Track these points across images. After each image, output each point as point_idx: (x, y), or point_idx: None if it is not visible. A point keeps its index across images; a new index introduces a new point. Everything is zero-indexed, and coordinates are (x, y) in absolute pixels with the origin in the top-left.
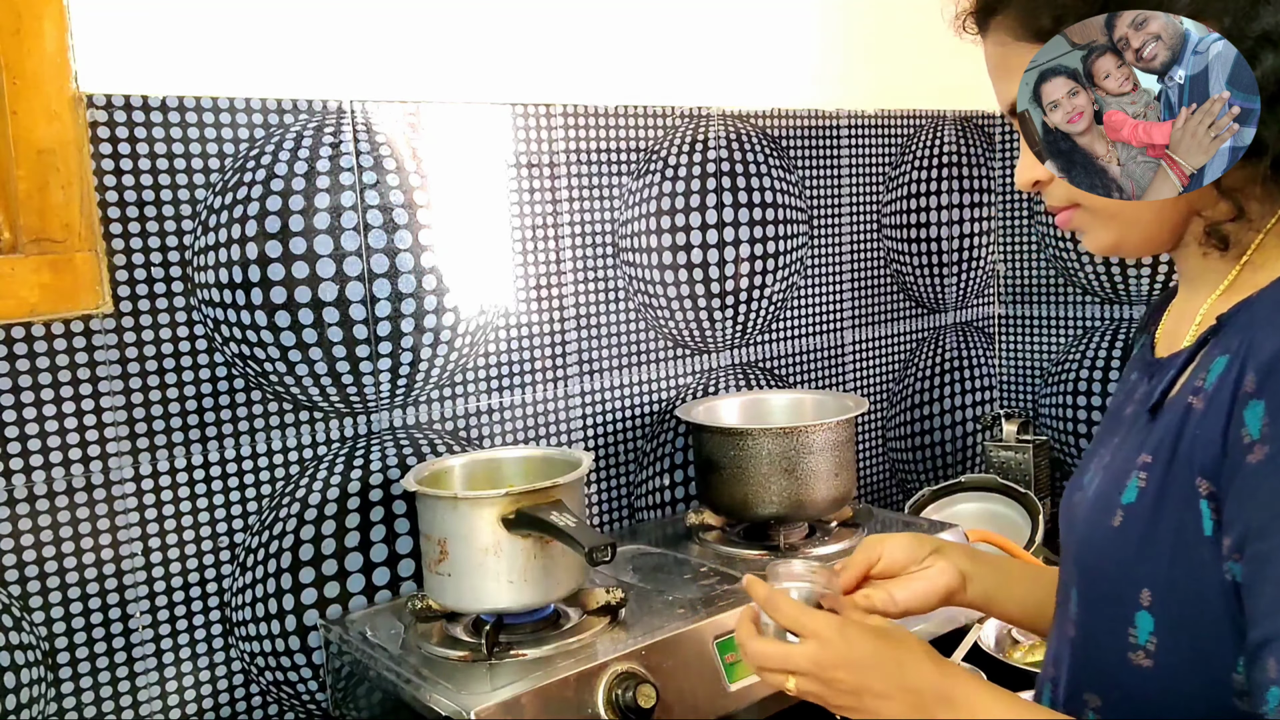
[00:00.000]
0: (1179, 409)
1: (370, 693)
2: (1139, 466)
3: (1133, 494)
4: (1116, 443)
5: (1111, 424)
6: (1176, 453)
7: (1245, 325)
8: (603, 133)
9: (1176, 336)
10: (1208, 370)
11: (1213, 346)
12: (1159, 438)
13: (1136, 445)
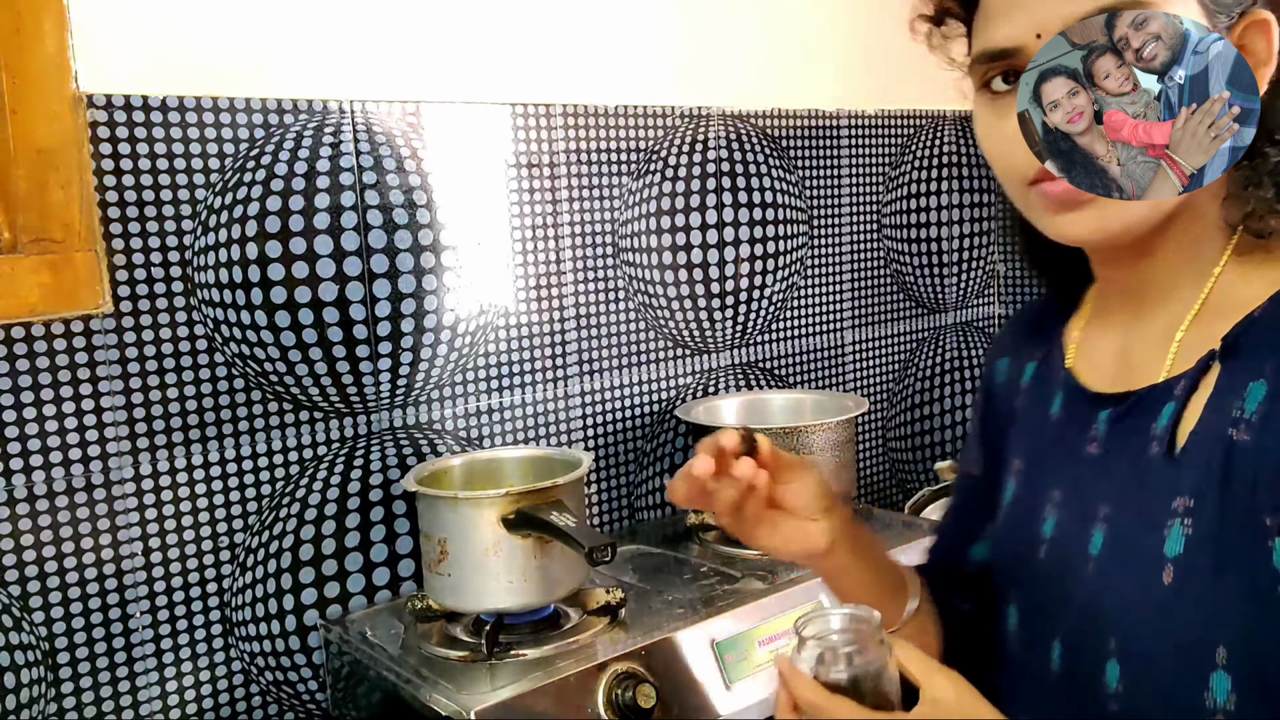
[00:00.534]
0: (1216, 444)
1: (370, 693)
2: (1177, 514)
3: (1178, 544)
4: (1087, 486)
5: (1058, 462)
6: (1229, 492)
7: (1270, 348)
8: (603, 133)
9: (1134, 362)
10: (1242, 399)
11: (1231, 372)
12: (1196, 478)
13: (1159, 490)
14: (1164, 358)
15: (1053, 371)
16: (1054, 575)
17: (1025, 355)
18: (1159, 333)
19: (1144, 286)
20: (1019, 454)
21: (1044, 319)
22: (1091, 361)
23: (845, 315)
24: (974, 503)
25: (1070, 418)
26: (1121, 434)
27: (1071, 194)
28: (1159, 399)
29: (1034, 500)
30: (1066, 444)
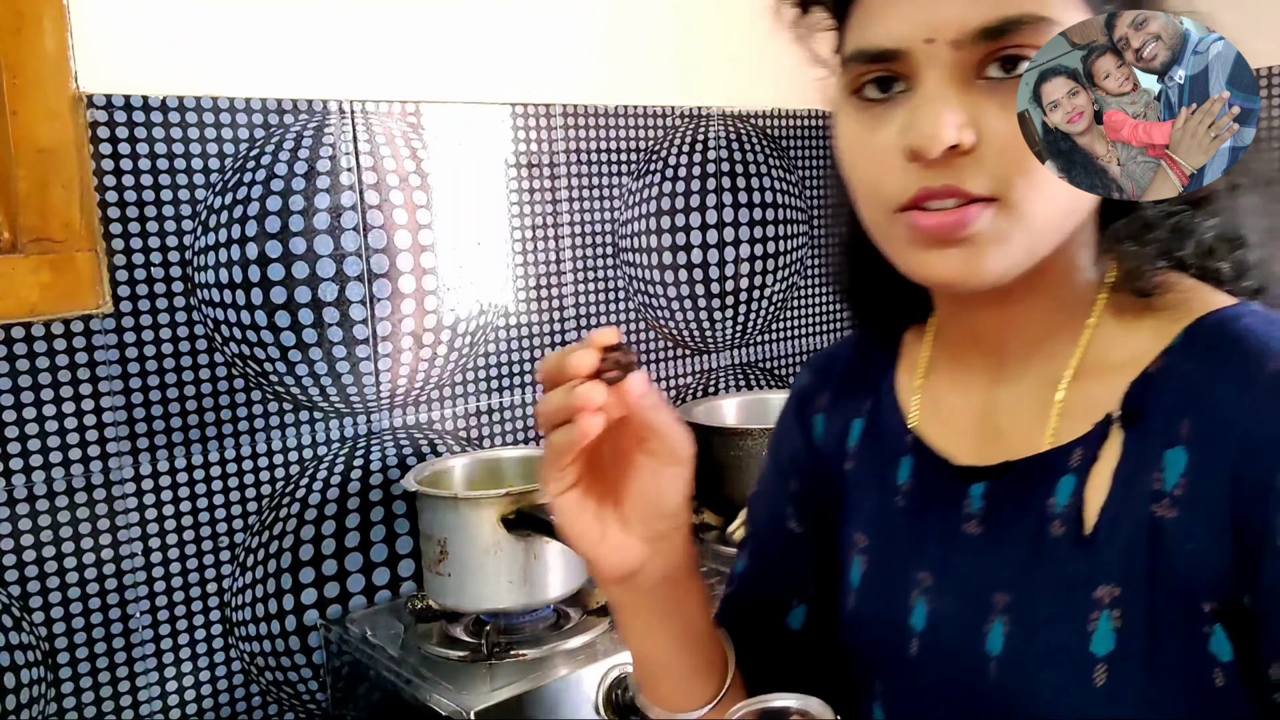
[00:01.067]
0: (1136, 522)
1: (370, 693)
2: (1102, 604)
3: (1109, 640)
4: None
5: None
6: (1157, 576)
7: (1182, 409)
8: (603, 133)
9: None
10: (1159, 470)
11: (1139, 438)
12: (1119, 563)
13: (1074, 577)
14: (1043, 422)
15: (889, 432)
16: (935, 675)
17: (845, 410)
18: (1030, 392)
19: (1006, 338)
20: (859, 526)
21: (862, 367)
22: (944, 423)
23: (845, 315)
24: (790, 567)
25: (927, 490)
26: (1008, 511)
27: (946, 229)
28: (1049, 470)
29: (893, 584)
30: (929, 520)
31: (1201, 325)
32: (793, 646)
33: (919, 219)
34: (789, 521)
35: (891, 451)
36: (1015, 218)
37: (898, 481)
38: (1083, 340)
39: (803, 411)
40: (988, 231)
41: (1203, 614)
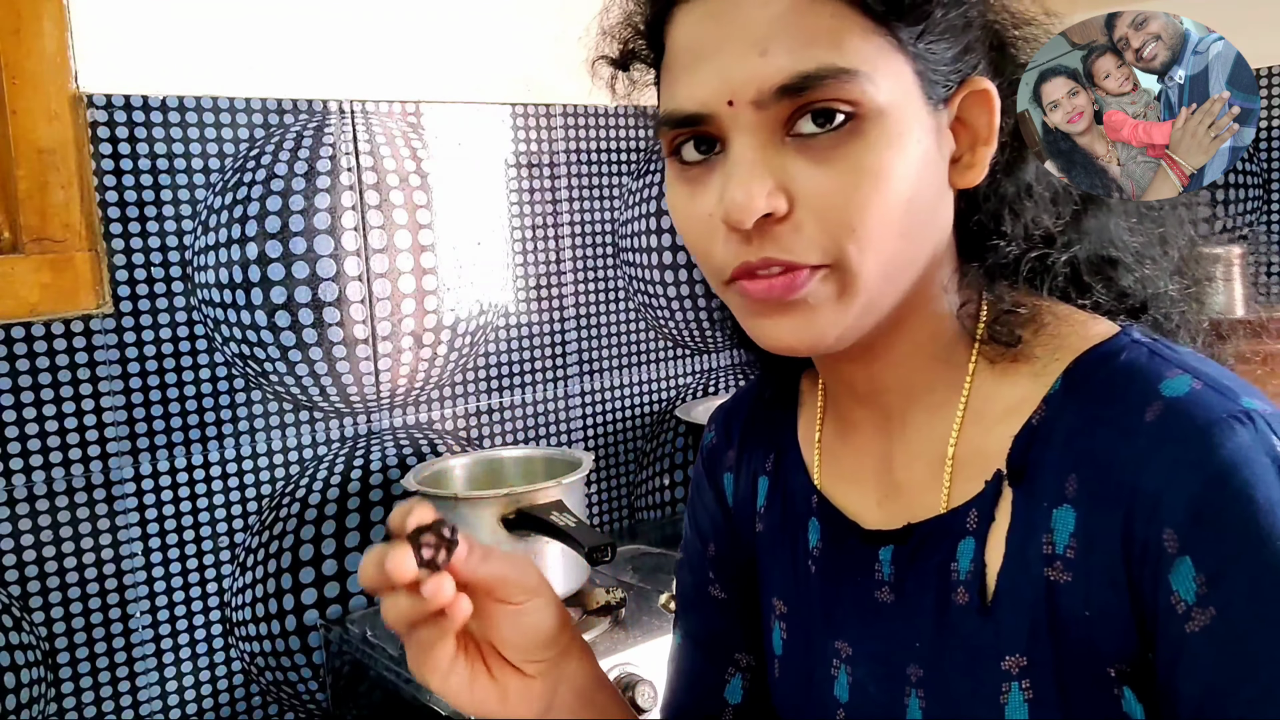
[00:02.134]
0: (1029, 588)
1: (370, 693)
2: (1011, 675)
3: (1021, 710)
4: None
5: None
6: (1059, 643)
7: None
8: (603, 133)
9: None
10: (1049, 530)
11: (1027, 497)
12: (1022, 632)
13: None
14: (937, 479)
15: (795, 491)
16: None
17: (751, 466)
18: (920, 447)
19: (883, 393)
20: (776, 591)
21: (763, 420)
22: (846, 480)
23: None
24: (729, 631)
25: (839, 554)
26: (915, 577)
27: (775, 293)
28: (949, 534)
29: (814, 653)
30: (845, 587)
31: (1079, 366)
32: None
33: (748, 286)
34: (712, 588)
35: (799, 512)
36: (846, 279)
37: (809, 545)
38: (963, 390)
39: (713, 471)
40: (820, 294)
41: (1109, 678)
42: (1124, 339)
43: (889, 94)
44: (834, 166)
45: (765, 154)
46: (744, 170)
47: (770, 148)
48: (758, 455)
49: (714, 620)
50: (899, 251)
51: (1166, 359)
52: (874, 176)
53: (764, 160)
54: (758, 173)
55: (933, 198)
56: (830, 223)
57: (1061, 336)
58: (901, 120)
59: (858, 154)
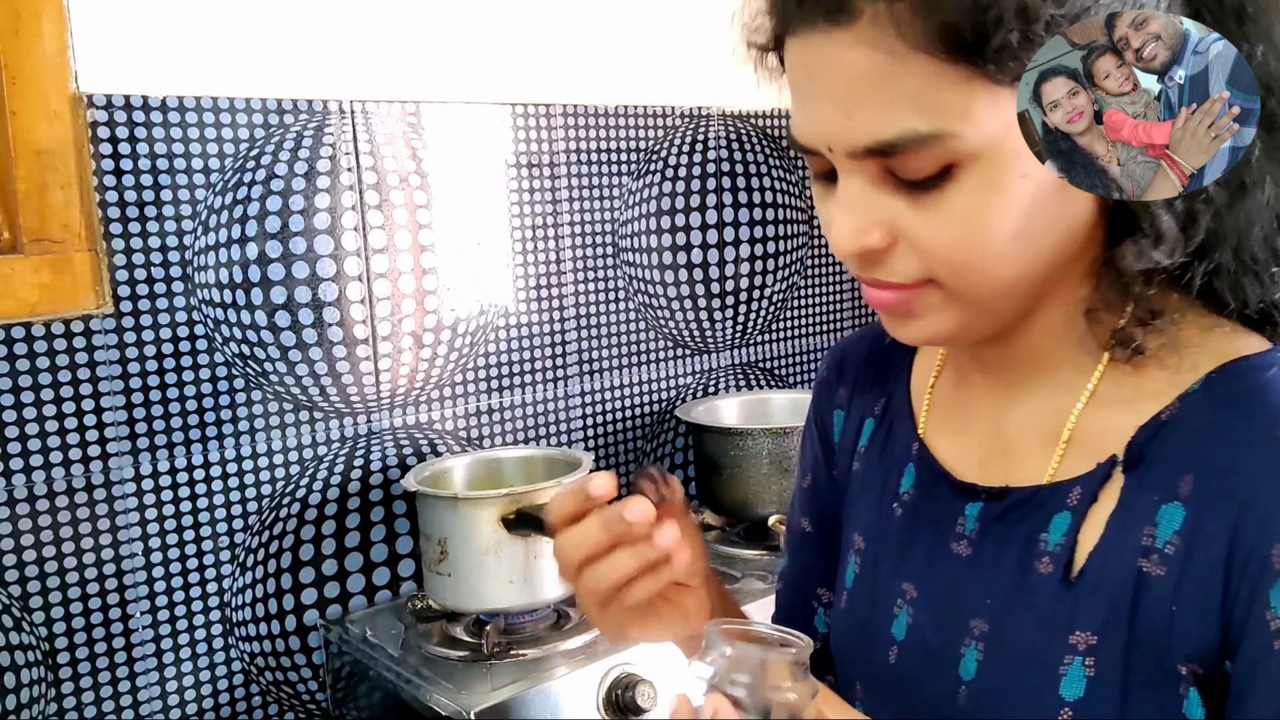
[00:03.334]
0: (1122, 573)
1: (370, 693)
2: (1077, 650)
3: (1079, 686)
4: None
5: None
6: (1136, 632)
7: (1188, 462)
8: (603, 133)
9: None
10: (1153, 524)
11: (1139, 486)
12: (1100, 612)
13: (1053, 618)
14: (1048, 453)
15: (898, 436)
16: (912, 689)
17: (860, 408)
18: (1038, 418)
19: (1010, 368)
20: (859, 528)
21: (880, 361)
22: (951, 434)
23: (845, 315)
24: (812, 565)
25: (927, 501)
26: (998, 538)
27: (888, 305)
28: (1047, 505)
29: (881, 591)
30: (924, 533)
31: (1224, 373)
32: (825, 647)
33: (868, 292)
34: (802, 520)
35: (898, 457)
36: (951, 297)
37: (899, 489)
38: (1094, 373)
39: (820, 405)
40: (930, 304)
41: (1179, 675)
42: (1274, 356)
43: (985, 136)
44: (933, 212)
45: (868, 194)
46: (843, 210)
47: (871, 188)
48: (869, 398)
49: (800, 552)
50: (1005, 275)
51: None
52: (971, 220)
53: (865, 200)
54: (857, 213)
55: (1051, 213)
56: (931, 259)
57: (1205, 341)
58: (1003, 155)
59: (956, 198)
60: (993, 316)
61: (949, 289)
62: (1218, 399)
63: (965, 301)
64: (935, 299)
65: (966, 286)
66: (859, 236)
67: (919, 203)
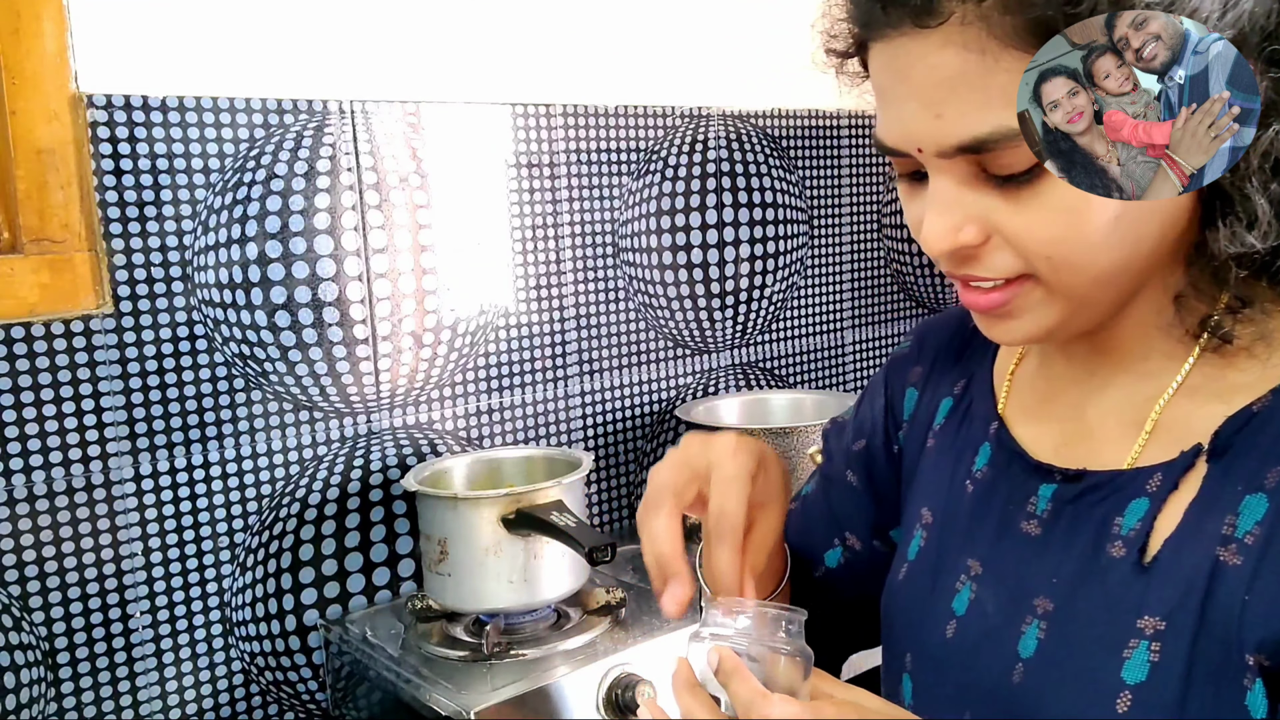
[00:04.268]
0: (1199, 560)
1: (370, 693)
2: (1144, 634)
3: (1142, 670)
4: (1019, 569)
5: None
6: (1207, 620)
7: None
8: (603, 133)
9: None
10: (1235, 514)
11: (1222, 476)
12: (1171, 598)
13: (1122, 601)
14: (1131, 438)
15: (976, 415)
16: (967, 664)
17: (938, 388)
18: (1123, 405)
19: (1097, 356)
20: (928, 503)
21: (964, 342)
22: (1030, 415)
23: (845, 315)
24: (846, 510)
25: (1000, 480)
26: (1071, 520)
27: (983, 307)
28: (1125, 489)
29: (944, 564)
30: (994, 511)
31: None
32: (826, 578)
33: (965, 295)
34: (848, 473)
35: (975, 435)
36: (1049, 291)
37: (973, 466)
38: (1187, 364)
39: (892, 380)
40: (1027, 303)
41: (1246, 666)
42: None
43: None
44: (1028, 206)
45: (959, 192)
46: (936, 209)
47: (965, 185)
48: (948, 378)
49: (839, 497)
50: (1103, 267)
51: None
52: (1068, 213)
53: (957, 198)
54: (950, 211)
55: (1143, 206)
56: (1026, 254)
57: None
58: None
59: (1051, 193)
60: (1091, 310)
61: (1048, 283)
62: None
63: (1064, 296)
64: (1035, 296)
65: (1065, 279)
66: (953, 234)
67: (1013, 197)
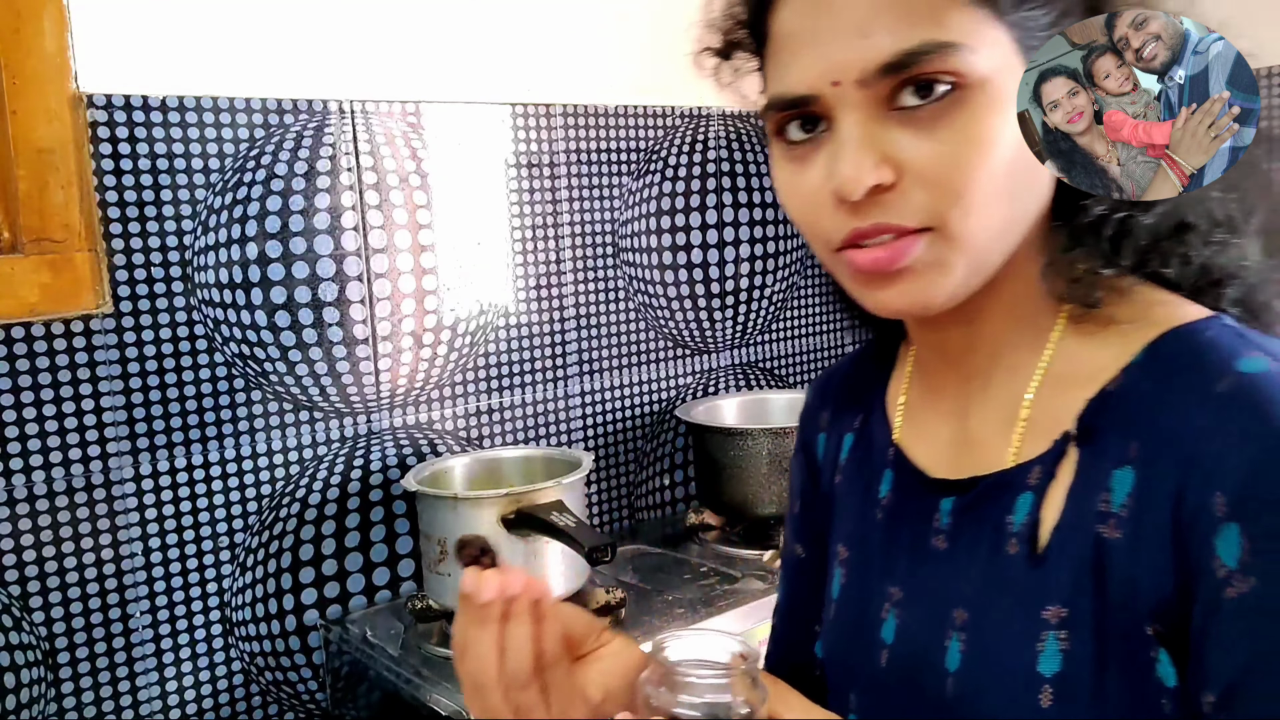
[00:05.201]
0: (1083, 542)
1: (370, 693)
2: (1050, 625)
3: (1055, 661)
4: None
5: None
6: (1106, 599)
7: (1135, 428)
8: (603, 133)
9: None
10: (1108, 490)
11: (1092, 457)
12: (1067, 584)
13: (1024, 596)
14: (1008, 437)
15: (875, 445)
16: (902, 688)
17: (841, 426)
18: (998, 406)
19: (971, 352)
20: (843, 539)
21: (859, 380)
22: (922, 436)
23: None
24: (809, 591)
25: (905, 503)
26: (971, 527)
27: (881, 264)
28: (1010, 487)
29: (868, 596)
30: (904, 534)
31: (1165, 340)
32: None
33: (855, 257)
34: (796, 546)
35: (876, 464)
36: (951, 243)
37: (879, 495)
38: (1045, 354)
39: (806, 431)
40: (925, 259)
41: (1146, 636)
42: (1215, 321)
43: (990, 62)
44: (938, 135)
45: (871, 129)
46: (851, 146)
47: (875, 122)
48: (848, 416)
49: (798, 580)
50: (1003, 214)
51: (1251, 341)
52: (978, 143)
53: (870, 135)
54: (865, 147)
55: (1034, 160)
56: (937, 189)
57: (1149, 312)
58: (1003, 87)
59: (961, 122)
60: (977, 273)
61: (952, 233)
62: (1159, 365)
63: (963, 250)
64: (935, 251)
65: (972, 226)
66: (871, 171)
67: (925, 130)
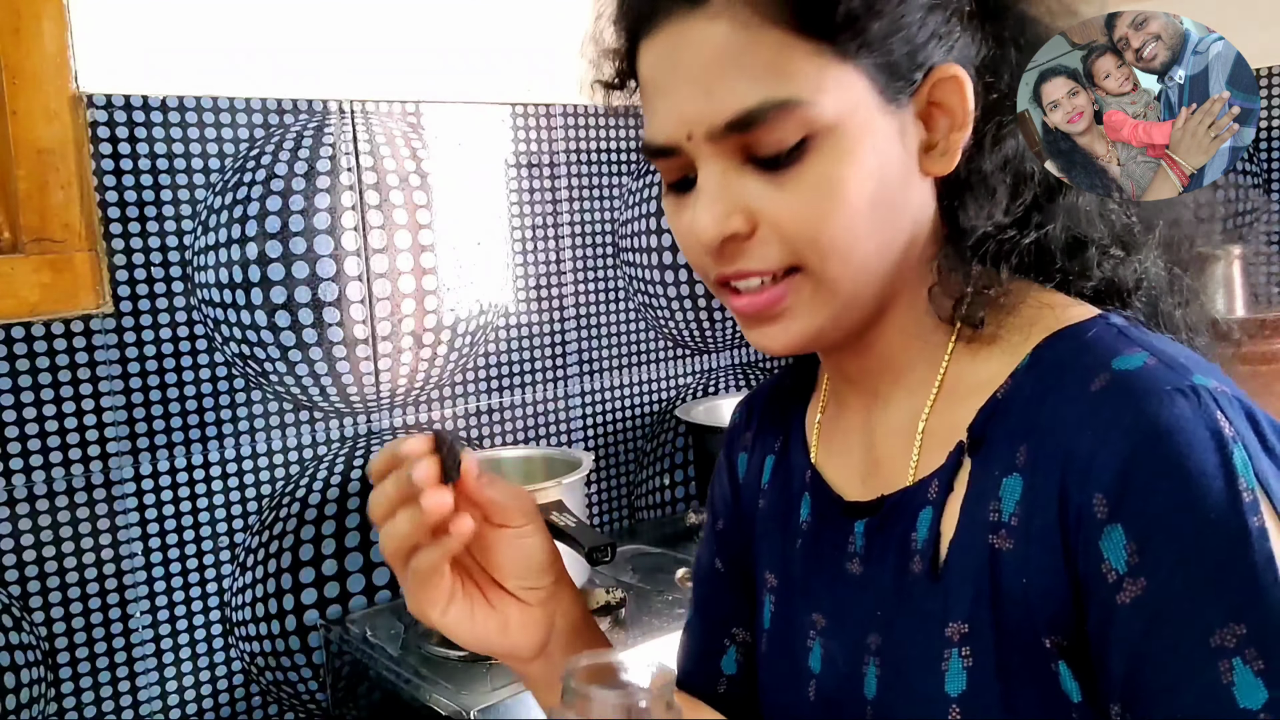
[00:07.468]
0: (976, 556)
1: (370, 693)
2: (954, 642)
3: (960, 679)
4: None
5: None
6: (1001, 612)
7: (1021, 433)
8: (603, 133)
9: (880, 458)
10: (997, 499)
11: (983, 466)
12: (967, 599)
13: (927, 615)
14: (909, 453)
15: (794, 469)
16: (830, 718)
17: (763, 446)
18: (899, 424)
19: (871, 374)
20: (770, 566)
21: (780, 401)
22: (836, 457)
23: None
24: (725, 604)
25: (823, 527)
26: (881, 548)
27: (756, 309)
28: (913, 504)
29: (795, 625)
30: (823, 559)
31: (1049, 343)
32: (730, 689)
33: (734, 301)
34: (716, 561)
35: (796, 489)
36: (819, 283)
37: (799, 520)
38: (940, 370)
39: (730, 450)
40: (800, 300)
41: (1045, 649)
42: (1099, 321)
43: (838, 107)
44: (790, 187)
45: (727, 179)
46: (706, 198)
47: (731, 173)
48: (769, 437)
49: (714, 593)
50: (866, 253)
51: (1131, 339)
52: (830, 190)
53: (725, 186)
54: (719, 199)
55: (897, 194)
56: (792, 238)
57: (1037, 318)
58: (854, 129)
59: (812, 172)
60: (856, 306)
61: (816, 275)
62: (1042, 367)
63: (831, 289)
64: (805, 293)
65: (833, 268)
66: (723, 221)
67: (778, 181)
